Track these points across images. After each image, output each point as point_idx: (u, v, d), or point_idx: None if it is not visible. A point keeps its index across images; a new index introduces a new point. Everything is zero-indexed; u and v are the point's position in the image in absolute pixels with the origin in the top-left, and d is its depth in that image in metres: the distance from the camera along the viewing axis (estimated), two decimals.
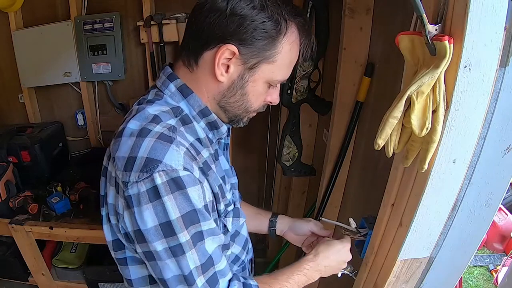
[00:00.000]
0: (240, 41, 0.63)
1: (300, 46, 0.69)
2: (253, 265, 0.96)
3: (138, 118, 0.64)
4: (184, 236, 0.60)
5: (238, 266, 0.85)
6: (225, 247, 0.70)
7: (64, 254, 1.88)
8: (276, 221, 1.02)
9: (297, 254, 1.97)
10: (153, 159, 0.58)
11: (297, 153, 1.71)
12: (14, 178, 1.76)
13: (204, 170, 0.66)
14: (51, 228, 1.61)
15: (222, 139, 0.80)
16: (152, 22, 1.77)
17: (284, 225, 1.02)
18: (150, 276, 0.71)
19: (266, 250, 2.37)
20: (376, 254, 0.84)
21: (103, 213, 0.70)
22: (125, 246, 0.69)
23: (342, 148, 1.38)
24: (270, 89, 0.72)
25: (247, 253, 0.88)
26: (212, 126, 0.73)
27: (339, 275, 0.90)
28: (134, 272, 0.73)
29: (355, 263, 0.91)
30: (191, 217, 0.61)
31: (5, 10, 1.81)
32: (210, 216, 0.65)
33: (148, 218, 0.59)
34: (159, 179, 0.58)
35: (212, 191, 0.68)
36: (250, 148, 2.23)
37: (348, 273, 0.91)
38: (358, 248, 0.93)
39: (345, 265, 0.88)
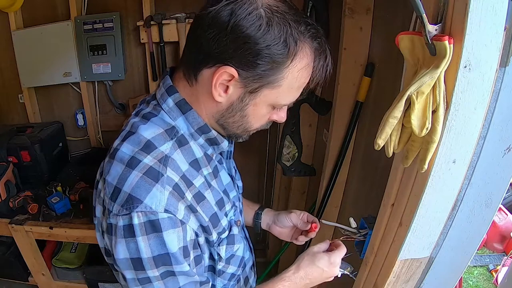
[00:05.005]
0: (240, 64, 0.57)
1: (313, 69, 0.62)
2: (255, 269, 0.94)
3: (131, 141, 0.62)
4: (153, 273, 0.61)
5: (234, 281, 0.82)
6: (203, 283, 0.67)
7: (64, 254, 1.88)
8: (261, 214, 0.99)
9: (297, 255, 1.96)
10: (134, 197, 0.57)
11: (297, 153, 1.71)
12: (14, 178, 1.76)
13: (192, 206, 0.63)
14: (51, 228, 1.61)
15: (224, 151, 0.77)
16: (152, 22, 1.77)
17: (269, 219, 0.99)
18: None
19: (266, 250, 2.37)
20: (376, 254, 0.84)
21: (95, 222, 0.70)
22: None
23: (342, 148, 1.38)
24: (275, 109, 0.67)
25: (243, 267, 0.85)
26: (212, 142, 0.70)
27: (339, 275, 0.90)
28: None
29: (355, 263, 0.91)
30: (163, 259, 0.60)
31: (5, 10, 1.81)
32: (185, 260, 0.63)
33: (120, 251, 0.60)
34: (137, 219, 0.57)
35: (201, 225, 0.66)
36: (250, 148, 2.22)
37: (348, 273, 0.91)
38: (358, 248, 0.93)
39: (331, 279, 0.83)
